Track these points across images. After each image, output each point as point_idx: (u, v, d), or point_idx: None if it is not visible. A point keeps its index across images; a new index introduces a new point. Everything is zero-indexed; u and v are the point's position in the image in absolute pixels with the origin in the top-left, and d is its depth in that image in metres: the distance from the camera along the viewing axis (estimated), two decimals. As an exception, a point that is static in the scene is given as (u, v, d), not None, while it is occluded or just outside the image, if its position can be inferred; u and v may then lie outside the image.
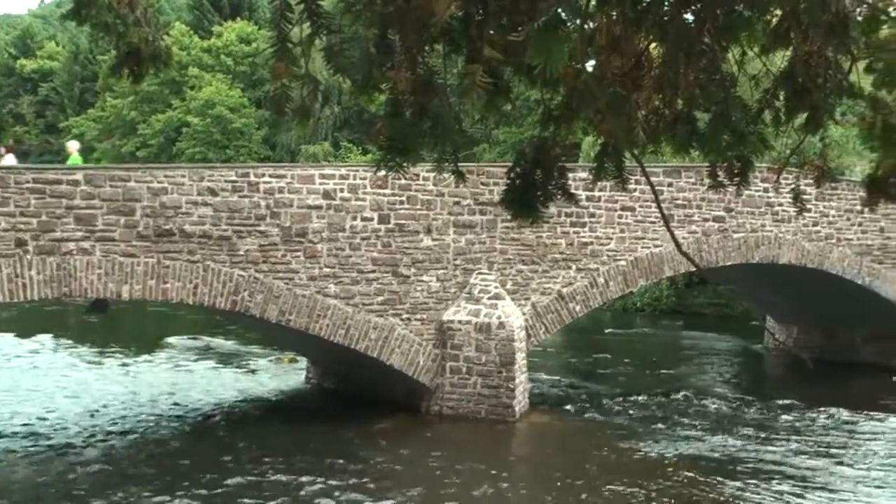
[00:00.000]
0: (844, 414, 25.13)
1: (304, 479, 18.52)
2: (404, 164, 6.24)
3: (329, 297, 22.15)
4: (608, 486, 18.55)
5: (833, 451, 21.63)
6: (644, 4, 6.17)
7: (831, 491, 18.55)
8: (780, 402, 26.64)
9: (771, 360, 38.69)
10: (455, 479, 18.74)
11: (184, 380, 29.66)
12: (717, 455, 21.06)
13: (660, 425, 23.88)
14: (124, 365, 32.30)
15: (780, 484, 18.90)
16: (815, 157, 8.48)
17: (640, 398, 27.05)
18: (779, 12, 6.63)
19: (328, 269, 22.16)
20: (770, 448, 21.73)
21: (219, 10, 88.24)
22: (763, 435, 22.93)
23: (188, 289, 20.54)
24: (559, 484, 18.77)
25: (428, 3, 5.28)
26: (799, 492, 18.44)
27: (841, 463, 20.64)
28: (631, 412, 25.44)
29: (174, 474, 18.87)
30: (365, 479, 18.65)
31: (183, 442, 21.95)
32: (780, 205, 28.16)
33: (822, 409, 25.59)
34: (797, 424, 24.20)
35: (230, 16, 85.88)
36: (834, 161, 36.82)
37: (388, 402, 24.07)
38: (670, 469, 19.93)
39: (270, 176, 21.74)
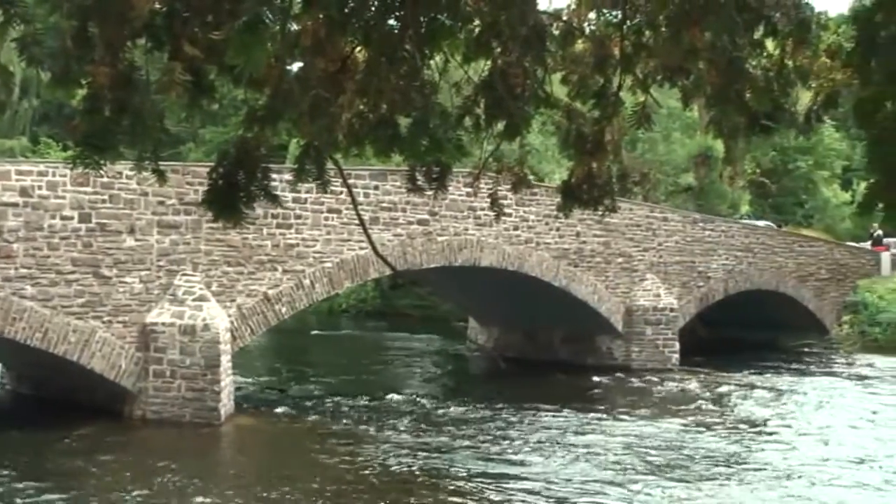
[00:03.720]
0: (543, 412, 25.89)
1: (-4, 489, 17.79)
2: (102, 162, 6.08)
3: (25, 298, 21.28)
4: (315, 491, 18.55)
5: (529, 446, 22.29)
6: (349, 8, 6.24)
7: (532, 490, 19.10)
8: (482, 401, 27.27)
9: (474, 361, 39.75)
10: (156, 486, 18.34)
11: None
12: (426, 455, 21.28)
13: (366, 427, 24.07)
14: None
15: (499, 485, 19.34)
16: (516, 163, 8.76)
17: (346, 400, 27.22)
18: (480, 23, 6.84)
19: (25, 270, 21.30)
20: (468, 444, 22.24)
21: None
22: (470, 434, 23.36)
23: None
24: (263, 489, 18.61)
25: (128, -4, 5.18)
26: (509, 491, 18.86)
27: (536, 458, 21.28)
28: (338, 414, 25.57)
29: None
30: (62, 487, 18.05)
31: None
32: (482, 209, 28.74)
33: (522, 407, 26.30)
34: (500, 423, 24.76)
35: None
36: (533, 167, 38.13)
37: (90, 407, 23.29)
38: (378, 471, 20.08)
39: (-38, 171, 20.75)
